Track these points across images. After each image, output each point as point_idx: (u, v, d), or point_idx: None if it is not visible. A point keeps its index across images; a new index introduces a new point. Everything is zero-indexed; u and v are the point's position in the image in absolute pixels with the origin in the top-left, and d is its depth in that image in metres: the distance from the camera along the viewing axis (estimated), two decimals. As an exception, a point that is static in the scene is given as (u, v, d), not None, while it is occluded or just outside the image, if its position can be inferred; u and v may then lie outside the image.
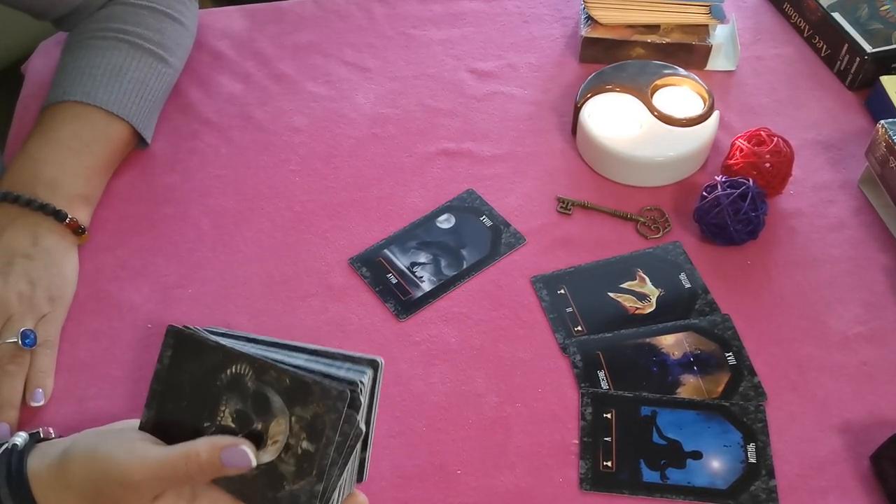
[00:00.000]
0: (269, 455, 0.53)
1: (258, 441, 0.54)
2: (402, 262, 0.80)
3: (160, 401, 0.56)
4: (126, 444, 0.54)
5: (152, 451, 0.53)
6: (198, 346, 0.55)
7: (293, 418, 0.53)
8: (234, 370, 0.54)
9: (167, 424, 0.56)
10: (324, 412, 0.52)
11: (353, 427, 0.52)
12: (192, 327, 0.56)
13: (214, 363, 0.54)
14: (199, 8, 0.98)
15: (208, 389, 0.55)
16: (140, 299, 0.77)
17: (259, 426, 0.54)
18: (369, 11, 1.04)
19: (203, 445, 0.53)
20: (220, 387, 0.54)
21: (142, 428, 0.57)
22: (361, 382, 0.53)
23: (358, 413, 0.53)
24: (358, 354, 0.55)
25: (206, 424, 0.55)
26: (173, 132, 0.91)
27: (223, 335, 0.58)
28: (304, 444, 0.52)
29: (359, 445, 0.54)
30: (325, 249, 0.81)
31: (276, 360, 0.54)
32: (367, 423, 0.56)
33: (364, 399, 0.54)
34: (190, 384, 0.55)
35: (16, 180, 0.78)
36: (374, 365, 0.55)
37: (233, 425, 0.54)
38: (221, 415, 0.55)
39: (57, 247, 0.76)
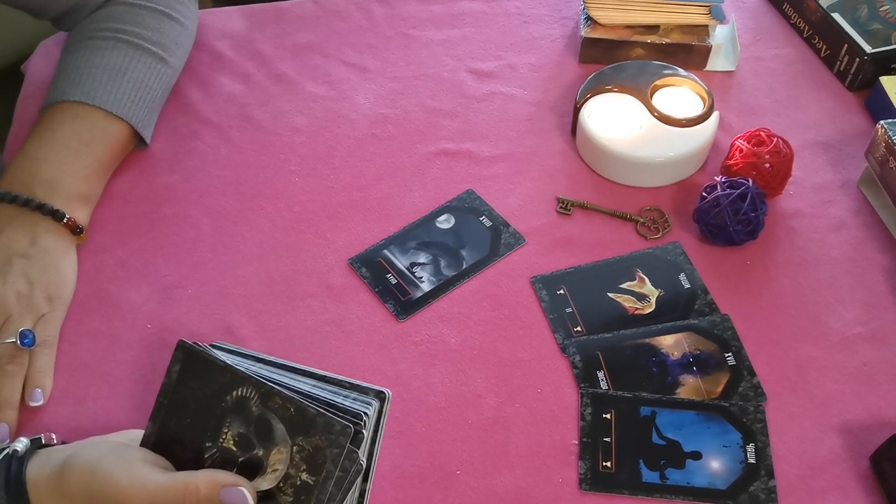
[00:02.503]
0: (267, 483, 0.53)
1: (258, 467, 0.54)
2: (401, 263, 0.80)
3: (164, 415, 0.56)
4: (127, 464, 0.54)
5: (153, 477, 0.53)
6: (206, 365, 0.55)
7: (294, 448, 0.53)
8: (239, 393, 0.54)
9: (169, 440, 0.56)
10: (326, 446, 0.52)
11: (354, 463, 0.52)
12: (201, 344, 0.56)
13: (221, 384, 0.54)
14: (199, 8, 0.98)
15: (213, 409, 0.55)
16: (140, 299, 0.77)
17: (260, 452, 0.54)
18: (369, 12, 1.04)
19: (203, 480, 0.53)
20: (225, 408, 0.54)
21: (144, 442, 0.57)
22: (366, 414, 0.53)
23: (361, 447, 0.52)
24: (365, 384, 0.55)
25: (207, 444, 0.55)
26: (173, 132, 0.91)
27: (231, 352, 0.58)
28: (304, 476, 0.52)
29: (359, 479, 0.54)
30: (324, 250, 0.81)
31: (282, 384, 0.54)
32: (370, 456, 0.55)
33: (367, 432, 0.54)
34: (195, 402, 0.55)
35: (14, 180, 0.78)
36: (380, 396, 0.55)
37: (234, 448, 0.54)
38: (224, 437, 0.55)
39: (55, 246, 0.76)
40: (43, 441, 0.61)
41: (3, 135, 0.91)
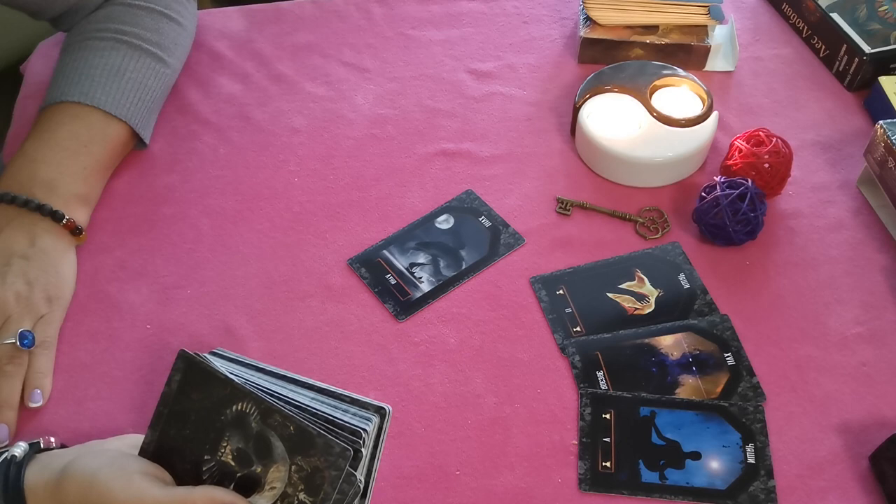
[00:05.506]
0: (264, 500, 0.54)
1: (256, 484, 0.54)
2: (401, 263, 0.80)
3: (164, 425, 0.56)
4: (126, 477, 0.54)
5: (151, 492, 0.53)
6: (207, 376, 0.55)
7: (293, 467, 0.53)
8: (240, 407, 0.54)
9: (168, 450, 0.56)
10: (324, 467, 0.52)
11: (353, 486, 0.52)
12: (202, 354, 0.56)
13: (221, 397, 0.55)
14: (199, 8, 0.98)
15: (212, 422, 0.55)
16: (139, 300, 0.77)
17: (258, 469, 0.54)
18: (368, 12, 1.04)
19: (201, 497, 0.53)
20: (225, 422, 0.55)
21: (143, 451, 0.57)
22: (365, 431, 0.53)
23: (359, 466, 0.52)
24: (366, 399, 0.55)
25: (206, 457, 0.55)
26: (172, 133, 0.90)
27: (232, 360, 0.58)
28: (301, 496, 0.52)
29: (357, 499, 0.54)
30: (324, 250, 0.81)
31: (282, 396, 0.54)
32: (369, 472, 0.55)
33: (367, 449, 0.54)
34: (195, 413, 0.55)
35: (13, 181, 0.78)
36: (380, 412, 0.55)
37: (232, 463, 0.54)
38: (223, 450, 0.55)
39: (54, 247, 0.76)
40: (42, 445, 0.61)
41: (3, 135, 0.91)
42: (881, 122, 0.81)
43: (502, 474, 0.67)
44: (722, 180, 0.79)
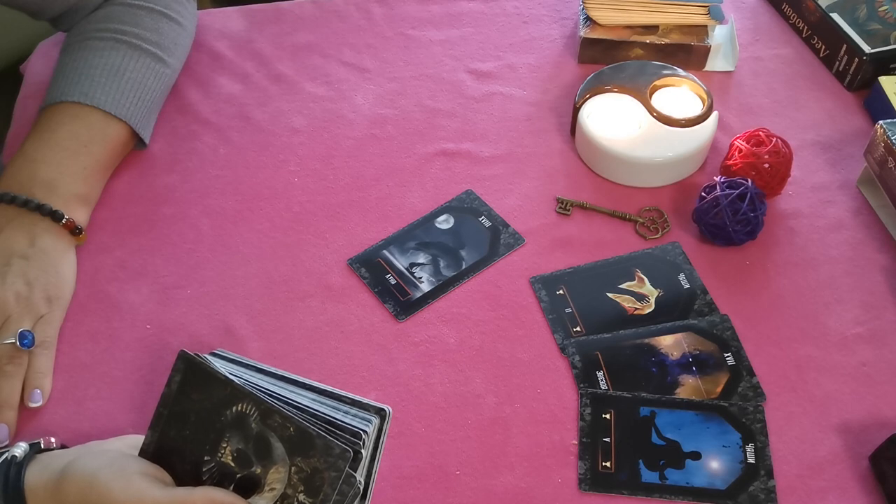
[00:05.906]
0: (264, 501, 0.54)
1: (255, 485, 0.54)
2: (401, 263, 0.80)
3: (164, 425, 0.57)
4: (125, 478, 0.54)
5: (150, 493, 0.53)
6: (206, 377, 0.55)
7: (293, 468, 0.53)
8: (240, 408, 0.54)
9: (168, 450, 0.57)
10: (324, 468, 0.52)
11: (352, 487, 0.52)
12: (202, 355, 0.56)
13: (221, 398, 0.55)
14: (199, 8, 0.98)
15: (212, 423, 0.55)
16: (139, 300, 0.77)
17: (258, 470, 0.54)
18: (368, 12, 1.04)
19: (201, 497, 0.53)
20: (225, 422, 0.55)
21: (143, 451, 0.57)
22: (365, 433, 0.53)
23: (359, 468, 0.52)
24: (366, 400, 0.55)
25: (206, 458, 0.55)
26: (172, 133, 0.91)
27: (232, 361, 0.58)
28: (301, 497, 0.53)
29: (357, 500, 0.54)
30: (323, 250, 0.81)
31: (282, 397, 0.54)
32: (369, 473, 0.56)
33: (367, 450, 0.54)
34: (195, 414, 0.55)
35: (13, 181, 0.78)
36: (381, 413, 0.55)
37: (232, 464, 0.55)
38: (222, 451, 0.55)
39: (54, 247, 0.76)
40: (42, 445, 0.61)
41: (3, 135, 0.91)
42: (881, 122, 0.81)
43: (502, 474, 0.67)
44: (722, 180, 0.79)
